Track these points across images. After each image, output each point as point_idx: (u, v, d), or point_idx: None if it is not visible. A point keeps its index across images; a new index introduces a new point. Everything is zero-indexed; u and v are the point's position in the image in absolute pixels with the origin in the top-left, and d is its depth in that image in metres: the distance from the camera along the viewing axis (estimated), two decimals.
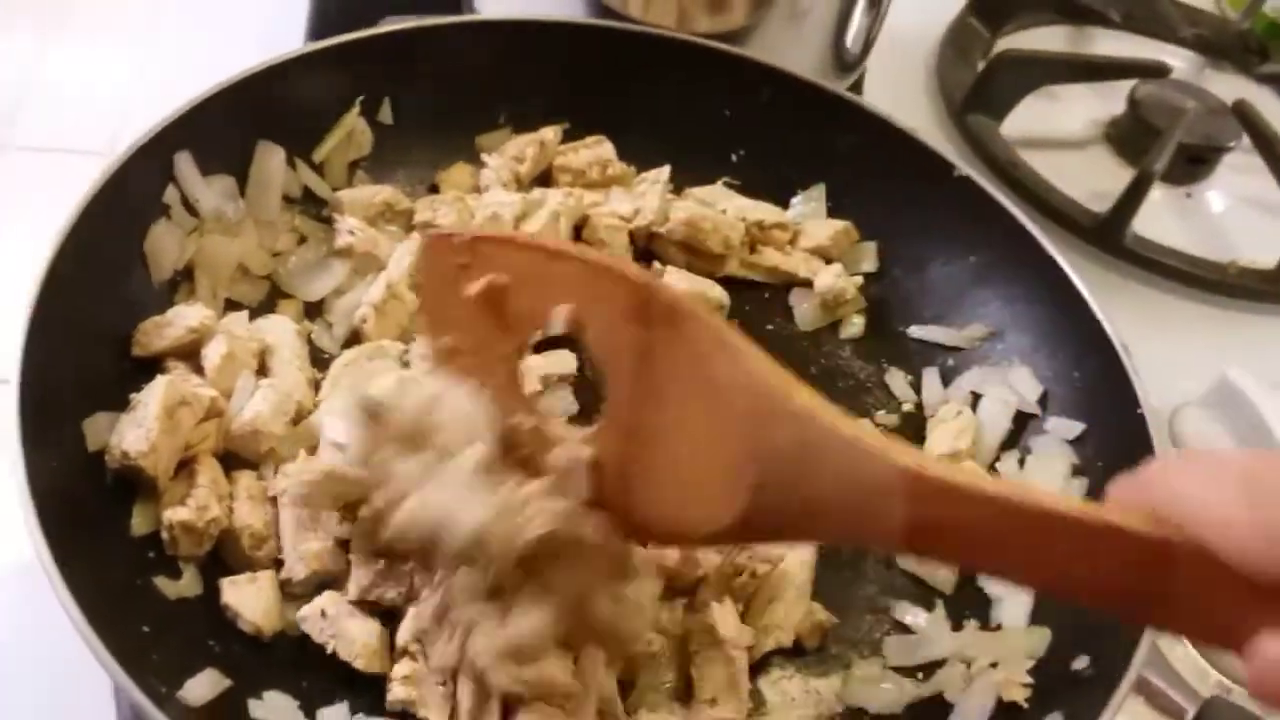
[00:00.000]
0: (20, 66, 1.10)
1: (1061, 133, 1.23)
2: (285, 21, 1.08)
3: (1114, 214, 1.07)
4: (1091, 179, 1.15)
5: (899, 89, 1.21)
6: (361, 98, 0.86)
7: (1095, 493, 0.75)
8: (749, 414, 0.52)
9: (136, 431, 0.64)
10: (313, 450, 0.68)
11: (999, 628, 0.71)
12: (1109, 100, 1.23)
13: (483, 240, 0.61)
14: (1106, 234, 1.08)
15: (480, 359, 0.61)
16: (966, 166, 0.87)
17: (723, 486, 0.53)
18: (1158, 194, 1.17)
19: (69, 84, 1.10)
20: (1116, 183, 1.09)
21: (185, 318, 0.71)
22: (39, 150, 1.04)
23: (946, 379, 0.84)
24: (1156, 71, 1.19)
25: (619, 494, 0.58)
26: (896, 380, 0.85)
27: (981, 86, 1.18)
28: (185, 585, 0.64)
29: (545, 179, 0.91)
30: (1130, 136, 1.19)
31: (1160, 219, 1.14)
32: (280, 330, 0.75)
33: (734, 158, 0.95)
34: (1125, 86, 1.21)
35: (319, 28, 1.05)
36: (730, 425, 0.53)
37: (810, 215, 0.92)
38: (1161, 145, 1.09)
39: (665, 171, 0.90)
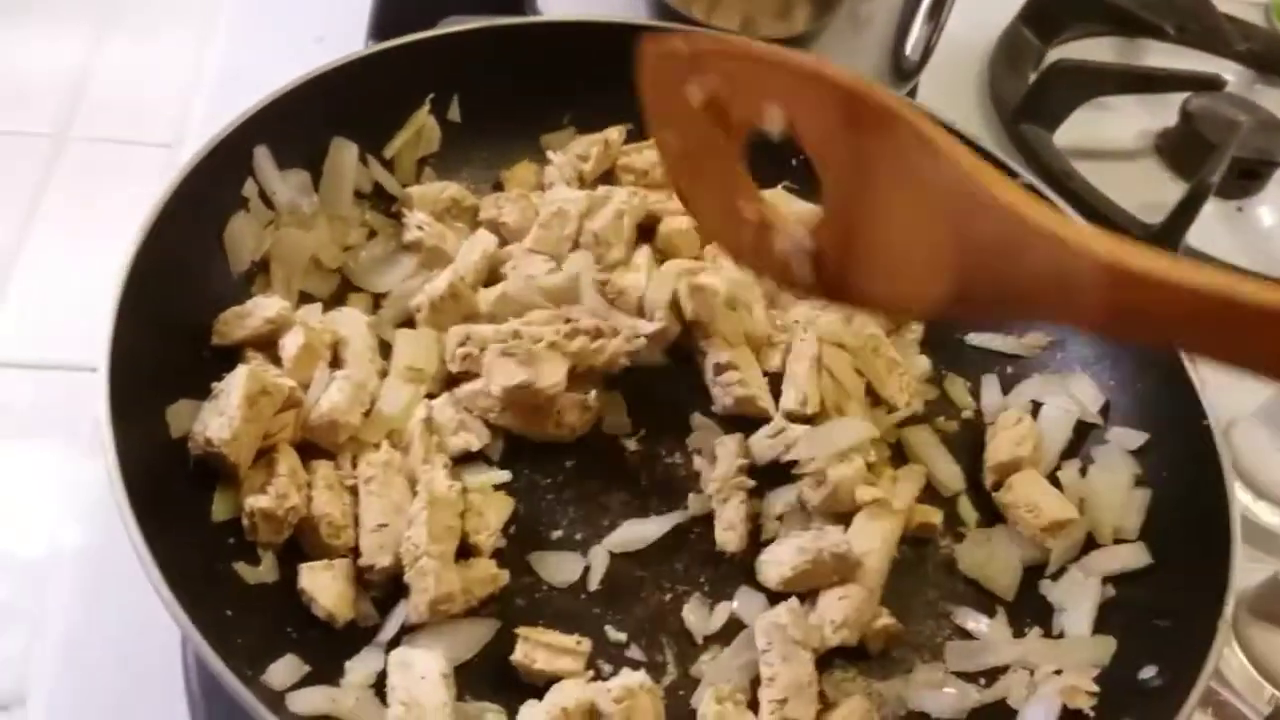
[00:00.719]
0: (78, 58, 1.11)
1: (1112, 144, 1.23)
2: (346, 16, 1.09)
3: (1168, 226, 1.07)
4: (1142, 191, 1.16)
5: (951, 98, 1.22)
6: (432, 95, 0.87)
7: (1160, 504, 0.75)
8: (956, 209, 0.57)
9: (219, 419, 0.65)
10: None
11: (1062, 635, 0.71)
12: (1159, 112, 1.23)
13: (703, 51, 0.65)
14: (1160, 246, 1.07)
15: (703, 154, 0.68)
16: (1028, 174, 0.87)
17: (930, 269, 0.59)
18: (1209, 207, 1.16)
19: (127, 75, 1.11)
20: (1167, 195, 1.09)
21: (264, 308, 0.72)
22: (97, 140, 1.05)
23: (1006, 387, 0.84)
24: (1210, 84, 1.19)
25: (837, 270, 0.65)
26: (956, 387, 0.85)
27: (1035, 96, 1.18)
28: (264, 571, 0.65)
29: (608, 179, 0.92)
30: (1181, 149, 1.20)
31: (1212, 232, 1.14)
32: (352, 322, 0.76)
33: (794, 162, 0.95)
34: (1176, 99, 1.21)
35: (381, 24, 1.06)
36: (938, 218, 0.57)
37: None
38: (1217, 158, 1.09)
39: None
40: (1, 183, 0.98)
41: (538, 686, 0.63)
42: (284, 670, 0.60)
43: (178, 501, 0.64)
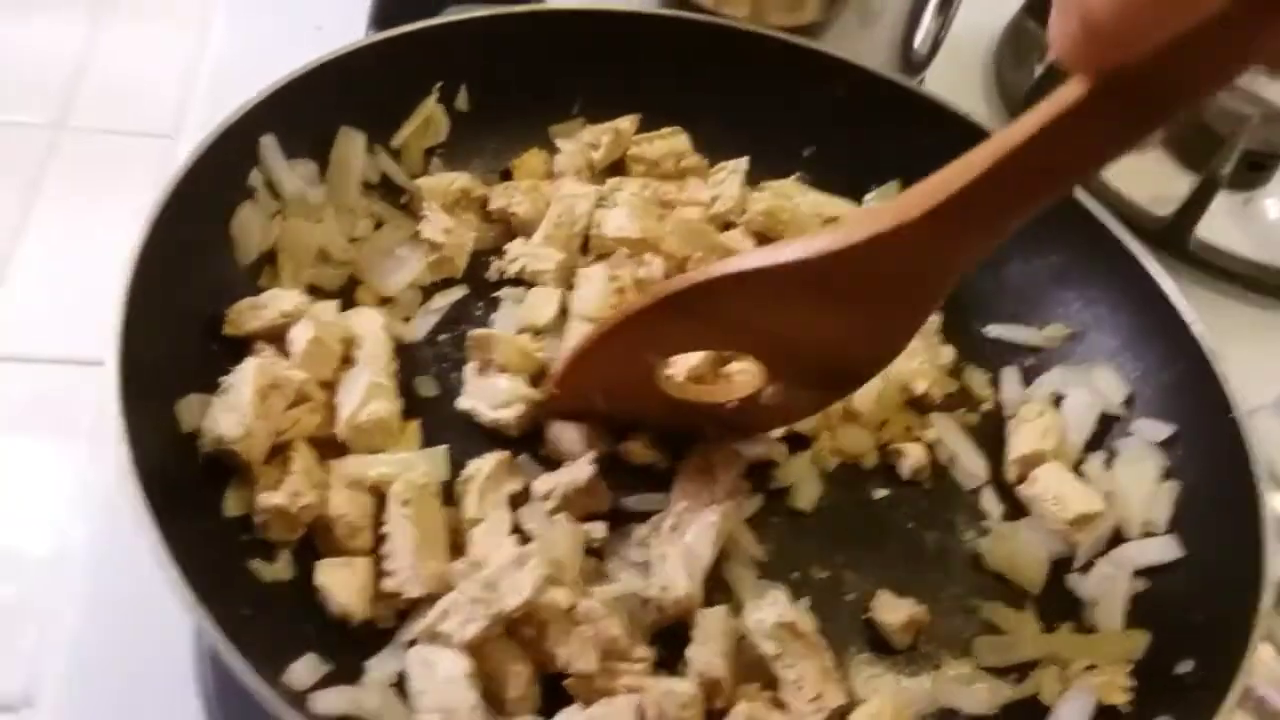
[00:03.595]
0: (74, 47, 1.09)
1: None
2: (346, 3, 1.07)
3: (1178, 218, 1.07)
4: (1151, 183, 1.14)
5: (957, 91, 1.19)
6: (440, 84, 0.85)
7: (1189, 496, 0.74)
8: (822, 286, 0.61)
9: (231, 416, 0.63)
10: None
11: (1093, 630, 0.70)
12: None
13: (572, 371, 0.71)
14: (1171, 238, 1.07)
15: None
16: None
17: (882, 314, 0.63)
18: (1218, 200, 1.16)
19: (124, 65, 1.09)
20: (1175, 187, 1.08)
21: (280, 301, 0.70)
22: (94, 131, 1.03)
23: (1027, 379, 0.83)
24: None
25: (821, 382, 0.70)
26: (975, 379, 0.84)
27: (1041, 89, 1.17)
28: (279, 569, 0.63)
29: (618, 169, 0.90)
30: (1189, 141, 1.18)
31: (1220, 224, 1.13)
32: (368, 323, 0.74)
33: (806, 153, 0.94)
34: None
35: (382, 12, 1.04)
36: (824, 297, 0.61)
37: None
38: (1228, 151, 1.08)
39: (744, 162, 0.89)
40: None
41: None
42: (305, 670, 0.58)
43: (190, 498, 0.62)
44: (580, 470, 0.68)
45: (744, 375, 0.72)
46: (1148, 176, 1.17)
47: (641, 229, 0.81)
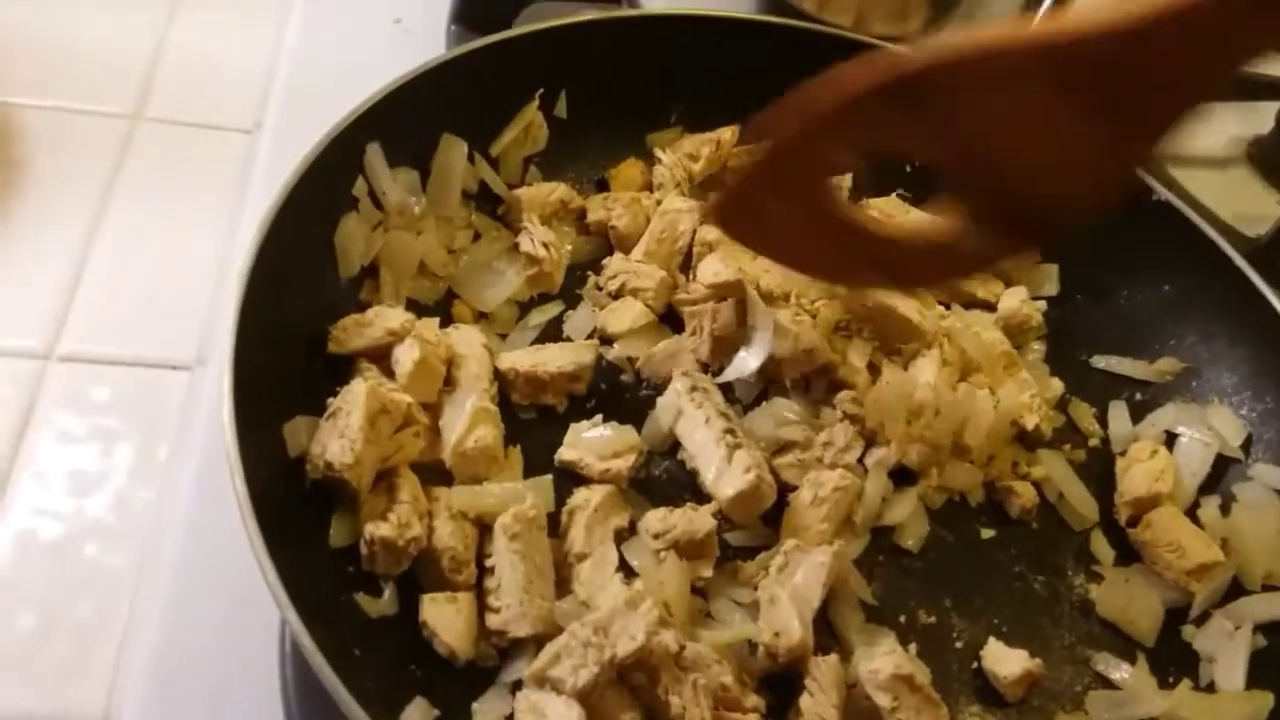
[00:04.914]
0: (153, 38, 1.06)
1: (1203, 150, 1.18)
2: (425, 5, 1.04)
3: (1275, 240, 1.03)
4: (1235, 200, 1.10)
5: None
6: (541, 90, 0.83)
7: None
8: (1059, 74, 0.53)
9: (340, 441, 0.61)
10: None
11: (1211, 687, 0.68)
12: (1252, 119, 1.18)
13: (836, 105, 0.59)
14: (1265, 261, 1.03)
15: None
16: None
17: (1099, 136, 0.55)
18: None
19: (202, 57, 1.06)
20: (1260, 206, 1.04)
21: (386, 318, 0.68)
22: (172, 123, 1.01)
23: (1136, 415, 0.80)
24: None
25: (1003, 220, 0.61)
26: (1080, 412, 0.81)
27: None
28: (385, 604, 0.61)
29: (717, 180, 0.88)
30: (1275, 158, 1.15)
31: None
32: (470, 342, 0.72)
33: (908, 168, 0.91)
34: (1270, 105, 1.16)
35: (464, 8, 1.02)
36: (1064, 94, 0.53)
37: None
38: None
39: (847, 178, 0.87)
40: (77, 165, 0.93)
41: None
42: (417, 716, 0.56)
43: (299, 527, 0.61)
44: (700, 521, 0.66)
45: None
46: (1232, 193, 1.12)
47: (736, 271, 0.77)
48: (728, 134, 0.87)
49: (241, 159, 0.97)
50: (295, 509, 0.62)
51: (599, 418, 0.71)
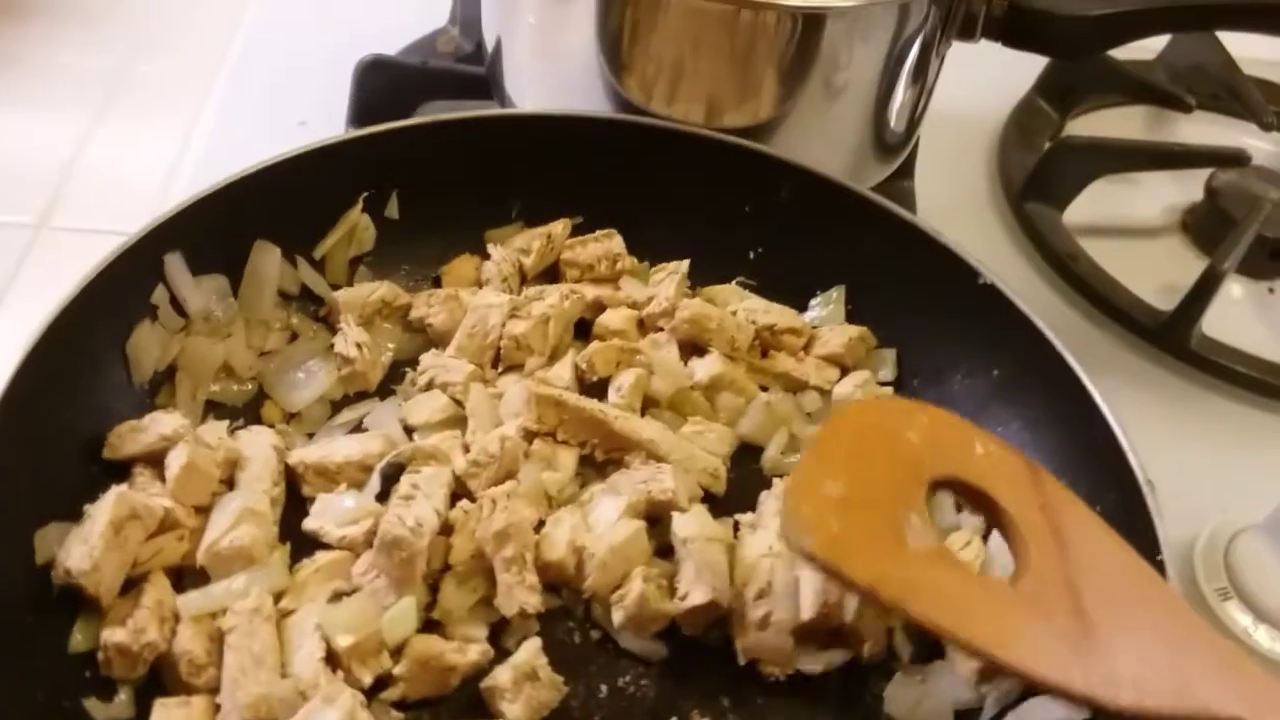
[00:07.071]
0: (69, 147, 1.12)
1: (1134, 220, 1.15)
2: (328, 107, 1.08)
3: (1179, 313, 1.00)
4: (1164, 272, 1.07)
5: (955, 175, 1.15)
6: (366, 194, 0.85)
7: None
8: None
9: (81, 548, 0.63)
10: None
11: None
12: (1188, 186, 1.15)
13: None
14: (1170, 335, 1.00)
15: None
16: (1017, 260, 0.82)
17: None
18: (1237, 289, 1.09)
19: (114, 164, 1.11)
20: (1190, 275, 1.01)
21: (160, 424, 0.70)
22: (75, 231, 1.05)
23: (959, 504, 0.78)
24: (1233, 160, 1.10)
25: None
26: None
27: (1041, 173, 1.11)
28: (117, 708, 0.62)
29: (554, 274, 0.89)
30: (1208, 227, 1.11)
31: (1239, 317, 1.06)
32: (258, 444, 0.73)
33: (752, 255, 0.91)
34: (1204, 172, 1.13)
35: (360, 109, 1.05)
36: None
37: (828, 318, 0.87)
38: (1234, 239, 1.01)
39: (684, 265, 0.87)
40: None
41: None
42: None
43: (34, 631, 0.62)
44: None
45: None
46: (1162, 264, 1.10)
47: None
48: (559, 227, 0.88)
49: None
50: (42, 615, 0.63)
51: (343, 486, 0.72)
